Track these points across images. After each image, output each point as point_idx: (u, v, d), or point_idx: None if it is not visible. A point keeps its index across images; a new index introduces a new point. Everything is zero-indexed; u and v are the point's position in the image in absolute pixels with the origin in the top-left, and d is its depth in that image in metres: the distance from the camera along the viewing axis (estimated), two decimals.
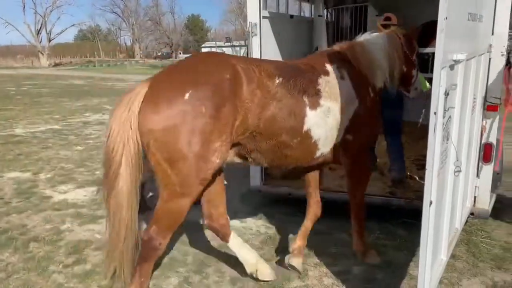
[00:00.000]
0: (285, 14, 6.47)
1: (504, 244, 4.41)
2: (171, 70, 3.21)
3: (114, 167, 2.87)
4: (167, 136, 2.78)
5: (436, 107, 2.32)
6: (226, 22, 69.61)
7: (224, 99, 2.89)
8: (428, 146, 2.42)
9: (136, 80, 29.92)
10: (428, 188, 2.47)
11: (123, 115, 2.83)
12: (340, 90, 3.46)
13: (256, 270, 3.74)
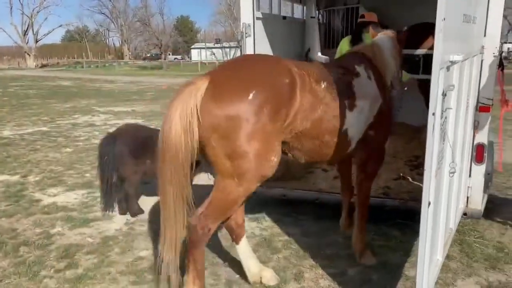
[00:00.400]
0: (278, 15, 6.46)
1: (497, 244, 4.44)
2: (231, 68, 3.29)
3: (173, 158, 2.95)
4: (229, 132, 2.90)
5: (435, 107, 2.31)
6: (216, 24, 69.67)
7: (282, 102, 3.04)
8: (426, 147, 2.41)
9: (125, 81, 29.77)
10: (426, 189, 2.47)
11: (186, 107, 2.90)
12: (369, 90, 3.72)
13: (260, 277, 3.72)
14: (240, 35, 4.98)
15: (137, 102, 17.23)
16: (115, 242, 4.62)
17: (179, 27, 74.80)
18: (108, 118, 13.16)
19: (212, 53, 64.90)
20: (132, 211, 5.31)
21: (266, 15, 5.79)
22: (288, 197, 5.21)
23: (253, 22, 4.96)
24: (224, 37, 69.19)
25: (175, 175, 2.99)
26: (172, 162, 2.96)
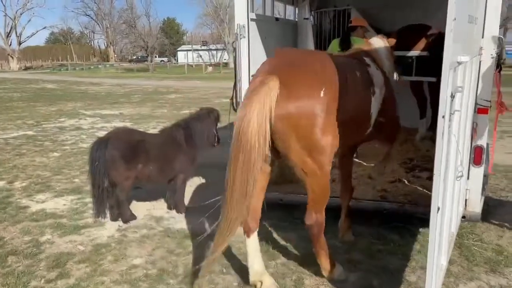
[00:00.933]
0: (271, 16, 6.39)
1: (496, 247, 4.42)
2: (296, 65, 3.37)
3: (251, 155, 3.07)
4: (308, 131, 3.14)
5: (444, 110, 2.25)
6: (202, 26, 69.29)
7: (342, 95, 3.32)
8: (436, 151, 2.34)
9: (111, 83, 29.39)
10: (435, 194, 2.40)
11: (263, 107, 3.04)
12: (379, 78, 4.08)
13: (261, 282, 3.64)
14: (234, 37, 4.88)
15: (124, 105, 17.00)
16: (108, 250, 4.48)
17: (166, 29, 74.23)
18: (95, 121, 12.93)
19: (198, 56, 64.71)
20: (124, 217, 5.16)
21: (260, 16, 5.71)
22: (284, 201, 5.12)
23: (248, 23, 4.87)
24: (210, 39, 68.97)
25: (245, 172, 3.11)
26: (245, 159, 3.09)
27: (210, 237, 4.65)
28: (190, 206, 5.63)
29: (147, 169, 5.11)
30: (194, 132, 5.37)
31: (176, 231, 4.96)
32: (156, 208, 5.68)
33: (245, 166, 3.09)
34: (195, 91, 23.15)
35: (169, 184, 5.49)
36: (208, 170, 7.17)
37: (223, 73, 42.01)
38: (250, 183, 3.15)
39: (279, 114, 3.09)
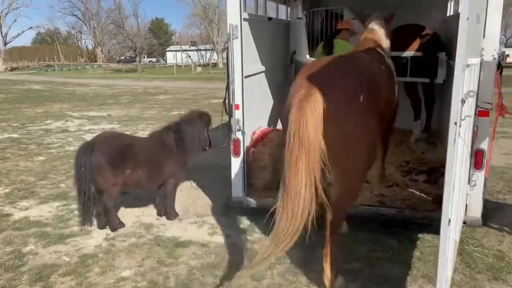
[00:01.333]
0: (264, 16, 6.22)
1: (497, 253, 4.30)
2: (335, 73, 3.45)
3: (316, 152, 3.07)
4: (355, 136, 3.28)
5: (456, 116, 2.09)
6: (191, 26, 68.87)
7: (379, 96, 3.68)
8: (447, 160, 2.19)
9: (99, 84, 28.96)
10: (446, 205, 2.24)
11: (316, 114, 3.06)
12: (393, 66, 4.63)
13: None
14: (227, 37, 4.70)
15: (112, 106, 16.68)
16: (95, 261, 4.26)
17: (154, 29, 73.65)
18: (83, 123, 12.62)
19: (187, 56, 64.30)
20: (112, 225, 4.95)
21: (253, 16, 5.54)
22: None
23: (241, 23, 4.70)
24: (199, 39, 68.60)
25: (311, 170, 3.08)
26: (309, 157, 3.07)
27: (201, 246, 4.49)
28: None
29: (135, 174, 4.90)
30: (184, 135, 5.17)
31: (166, 239, 4.76)
32: (145, 215, 5.47)
33: (310, 163, 3.07)
34: (184, 91, 22.88)
35: (159, 189, 5.29)
36: (198, 173, 6.99)
37: (212, 73, 41.73)
38: (313, 183, 3.13)
39: (329, 122, 3.11)
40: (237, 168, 5.03)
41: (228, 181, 6.58)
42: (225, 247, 4.54)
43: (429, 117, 7.23)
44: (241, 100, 4.86)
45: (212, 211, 5.52)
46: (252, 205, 5.01)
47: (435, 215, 4.51)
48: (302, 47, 6.09)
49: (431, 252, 4.30)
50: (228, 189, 6.18)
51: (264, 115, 6.44)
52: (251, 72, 5.39)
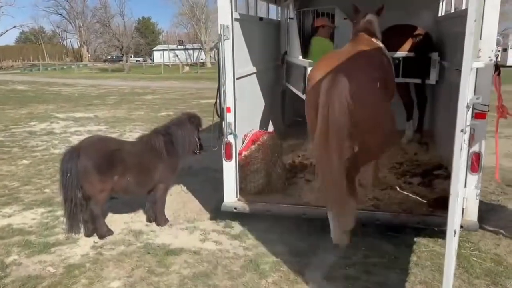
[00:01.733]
0: (255, 16, 6.09)
1: (494, 257, 4.24)
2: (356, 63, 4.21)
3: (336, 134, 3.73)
4: (378, 114, 4.01)
5: (463, 123, 1.99)
6: (178, 25, 68.36)
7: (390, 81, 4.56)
8: (453, 170, 2.08)
9: (85, 84, 28.50)
10: (452, 216, 2.14)
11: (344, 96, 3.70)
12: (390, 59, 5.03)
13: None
14: (218, 38, 4.56)
15: (99, 107, 16.38)
16: (81, 272, 4.08)
17: (141, 28, 72.90)
18: (68, 125, 12.34)
19: (175, 55, 63.82)
20: (99, 233, 4.77)
21: (244, 16, 5.41)
22: (272, 212, 4.83)
23: (232, 23, 4.56)
24: (187, 38, 68.14)
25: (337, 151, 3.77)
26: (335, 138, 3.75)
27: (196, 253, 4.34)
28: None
29: (124, 180, 4.73)
30: (174, 139, 5.01)
31: (157, 246, 4.60)
32: (134, 221, 5.30)
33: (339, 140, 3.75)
34: (172, 91, 22.63)
35: (148, 194, 5.13)
36: (188, 177, 6.85)
37: (200, 73, 41.47)
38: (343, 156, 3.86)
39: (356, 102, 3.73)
40: (229, 172, 4.90)
41: (218, 184, 6.43)
42: (217, 254, 4.40)
43: (421, 118, 7.17)
44: (233, 102, 4.72)
45: (203, 216, 5.39)
46: (245, 210, 4.87)
47: (432, 219, 4.45)
48: (294, 47, 5.97)
49: (428, 257, 4.22)
50: (219, 193, 6.04)
51: (256, 117, 6.32)
52: (242, 73, 5.26)
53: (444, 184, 5.24)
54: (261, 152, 5.07)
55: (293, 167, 6.03)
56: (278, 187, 5.24)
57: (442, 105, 6.52)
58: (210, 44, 59.17)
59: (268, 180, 5.14)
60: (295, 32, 5.93)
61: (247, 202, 4.93)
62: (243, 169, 5.10)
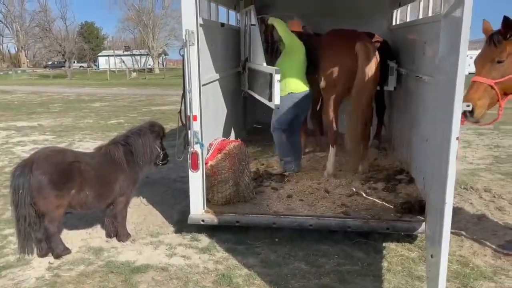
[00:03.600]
0: (217, 22, 5.96)
1: (459, 259, 4.35)
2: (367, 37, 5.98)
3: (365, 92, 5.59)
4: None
5: (458, 130, 1.97)
6: (124, 30, 66.44)
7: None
8: (448, 179, 2.05)
9: (25, 91, 26.89)
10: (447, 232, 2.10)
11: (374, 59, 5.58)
12: None
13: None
14: (183, 43, 4.38)
15: (43, 115, 15.46)
16: None
17: (84, 33, 70.14)
18: (10, 135, 11.51)
19: (121, 61, 62.01)
20: (55, 252, 4.41)
21: (207, 21, 5.26)
22: (241, 223, 4.69)
23: (197, 29, 4.40)
24: (133, 44, 66.43)
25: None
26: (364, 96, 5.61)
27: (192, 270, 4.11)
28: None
29: (82, 194, 4.40)
30: (134, 149, 4.75)
31: (120, 264, 4.31)
32: (93, 237, 4.96)
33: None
34: (120, 98, 21.86)
35: (107, 208, 4.81)
36: (148, 188, 6.55)
37: (148, 79, 40.53)
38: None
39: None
40: (196, 183, 4.71)
41: (180, 194, 6.22)
42: (187, 270, 4.19)
43: (379, 124, 7.34)
44: (199, 110, 4.56)
45: (167, 229, 5.14)
46: (213, 221, 4.70)
47: (400, 225, 4.51)
48: (258, 54, 5.90)
49: (398, 262, 4.26)
50: (181, 204, 5.84)
51: (220, 126, 6.17)
52: (207, 80, 5.11)
53: (407, 189, 5.36)
54: (228, 161, 4.93)
55: (258, 175, 5.93)
56: (246, 197, 5.11)
57: (400, 111, 6.70)
58: (158, 50, 58.12)
59: (236, 190, 5.00)
60: (257, 39, 5.86)
61: (215, 214, 4.76)
62: (210, 179, 4.93)
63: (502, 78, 3.35)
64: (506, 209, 5.55)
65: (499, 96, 3.37)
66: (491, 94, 3.34)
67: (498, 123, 11.49)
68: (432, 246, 2.76)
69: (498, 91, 3.35)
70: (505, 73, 3.36)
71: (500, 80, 3.35)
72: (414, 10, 6.85)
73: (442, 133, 2.27)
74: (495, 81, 3.35)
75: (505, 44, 3.32)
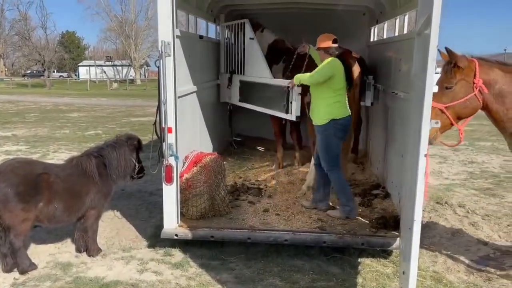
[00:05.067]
0: (195, 34, 5.94)
1: (433, 274, 4.35)
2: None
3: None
4: None
5: (426, 147, 1.97)
6: (106, 41, 65.90)
7: None
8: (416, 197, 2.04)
9: (1, 100, 26.30)
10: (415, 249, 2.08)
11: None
12: None
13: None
14: (159, 54, 4.33)
15: (18, 125, 15.10)
16: None
17: (65, 42, 69.25)
18: None
19: (102, 71, 61.43)
20: (21, 268, 4.24)
21: (184, 33, 5.23)
22: (216, 238, 4.61)
23: (173, 40, 4.37)
24: (115, 55, 65.93)
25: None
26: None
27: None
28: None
29: (50, 207, 4.26)
30: (108, 161, 4.64)
31: (89, 280, 4.17)
32: (61, 252, 4.79)
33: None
34: (100, 109, 21.57)
35: (77, 222, 4.67)
36: (122, 200, 6.42)
37: (129, 90, 40.19)
38: None
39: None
40: (170, 196, 4.62)
41: (154, 208, 6.11)
42: (158, 286, 4.08)
43: (356, 139, 7.39)
44: (174, 122, 4.49)
45: (140, 244, 5.01)
46: (187, 236, 4.61)
47: (375, 240, 4.50)
48: (260, 67, 5.94)
49: (372, 278, 4.23)
50: (155, 218, 5.72)
51: (197, 138, 6.10)
52: (183, 92, 5.06)
53: (384, 204, 5.38)
54: (203, 175, 4.86)
55: (235, 189, 5.87)
56: (222, 211, 5.03)
57: (377, 126, 6.76)
58: (140, 61, 57.82)
59: (212, 204, 4.93)
60: (258, 52, 5.94)
61: (189, 228, 4.67)
62: (184, 193, 4.85)
63: (451, 103, 3.69)
64: (480, 224, 5.60)
65: (451, 120, 3.71)
66: (442, 118, 3.63)
67: (473, 140, 11.79)
68: (404, 262, 2.74)
69: (449, 115, 3.69)
70: (454, 98, 3.71)
71: (449, 104, 3.69)
72: (390, 28, 6.97)
73: (413, 149, 2.27)
74: (445, 106, 3.68)
75: (454, 72, 3.69)
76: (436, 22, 1.90)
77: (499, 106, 3.76)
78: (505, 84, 3.72)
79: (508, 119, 3.81)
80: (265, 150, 8.41)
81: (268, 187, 6.10)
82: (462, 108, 3.73)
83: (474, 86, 3.68)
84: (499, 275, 4.31)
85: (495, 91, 3.73)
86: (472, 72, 3.69)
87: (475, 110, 3.82)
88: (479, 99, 3.73)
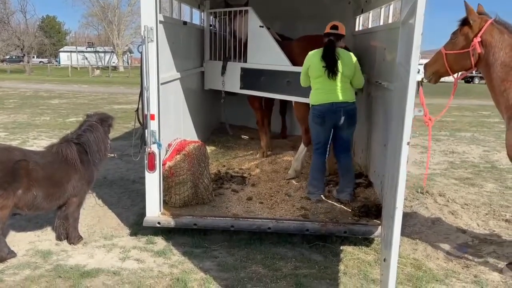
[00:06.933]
0: (179, 20, 5.84)
1: (413, 262, 4.42)
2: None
3: None
4: None
5: (409, 135, 1.98)
6: (88, 26, 64.60)
7: None
8: (398, 184, 2.06)
9: None
10: (397, 235, 2.11)
11: None
12: None
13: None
14: (141, 40, 4.25)
15: None
16: None
17: (45, 27, 67.70)
18: None
19: (84, 58, 60.35)
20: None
21: (168, 18, 5.14)
22: (199, 226, 4.59)
23: (156, 25, 4.28)
24: (97, 41, 64.76)
25: None
26: None
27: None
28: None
29: (30, 195, 4.17)
30: (88, 145, 4.55)
31: (69, 268, 4.11)
32: (41, 240, 4.72)
33: None
34: (81, 96, 21.22)
35: (58, 210, 4.59)
36: (103, 188, 6.35)
37: (112, 77, 39.58)
38: None
39: None
40: (152, 184, 4.57)
41: (137, 196, 6.06)
42: (140, 274, 4.05)
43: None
44: (157, 109, 4.43)
45: (122, 232, 4.97)
46: (170, 224, 4.58)
47: (358, 228, 4.54)
48: (274, 55, 5.90)
49: (354, 265, 4.28)
50: (138, 205, 5.68)
51: (181, 125, 6.04)
52: (166, 78, 4.98)
53: (366, 193, 5.43)
54: (187, 162, 4.81)
55: (219, 177, 5.85)
56: (205, 199, 5.02)
57: (361, 116, 6.78)
58: (123, 48, 56.92)
59: (195, 192, 4.90)
60: (270, 40, 5.93)
61: (171, 216, 4.64)
62: (167, 181, 4.81)
63: (451, 51, 3.91)
64: (459, 213, 5.71)
65: (447, 67, 3.95)
66: (440, 62, 3.97)
67: (453, 130, 11.96)
68: (385, 249, 2.78)
69: (445, 62, 3.93)
70: (453, 48, 3.92)
71: (448, 52, 3.93)
72: (375, 17, 6.97)
73: (396, 138, 2.29)
74: (446, 52, 3.94)
75: (463, 25, 3.85)
76: (421, 11, 1.90)
77: (494, 74, 3.74)
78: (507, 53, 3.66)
79: (500, 92, 3.77)
80: (249, 139, 8.39)
81: (251, 175, 6.09)
82: (454, 59, 3.88)
83: (472, 43, 3.74)
84: (477, 262, 4.40)
85: (493, 56, 3.71)
86: (477, 29, 3.74)
87: (464, 67, 3.95)
88: (471, 57, 3.78)
